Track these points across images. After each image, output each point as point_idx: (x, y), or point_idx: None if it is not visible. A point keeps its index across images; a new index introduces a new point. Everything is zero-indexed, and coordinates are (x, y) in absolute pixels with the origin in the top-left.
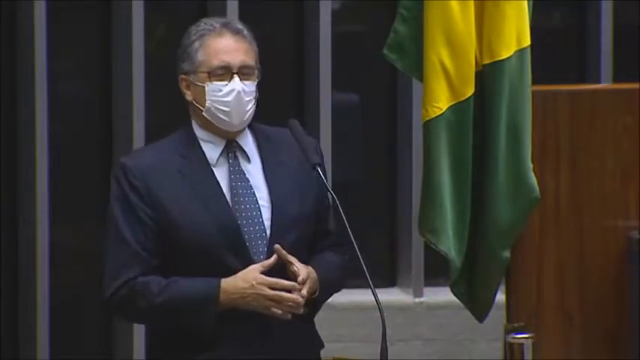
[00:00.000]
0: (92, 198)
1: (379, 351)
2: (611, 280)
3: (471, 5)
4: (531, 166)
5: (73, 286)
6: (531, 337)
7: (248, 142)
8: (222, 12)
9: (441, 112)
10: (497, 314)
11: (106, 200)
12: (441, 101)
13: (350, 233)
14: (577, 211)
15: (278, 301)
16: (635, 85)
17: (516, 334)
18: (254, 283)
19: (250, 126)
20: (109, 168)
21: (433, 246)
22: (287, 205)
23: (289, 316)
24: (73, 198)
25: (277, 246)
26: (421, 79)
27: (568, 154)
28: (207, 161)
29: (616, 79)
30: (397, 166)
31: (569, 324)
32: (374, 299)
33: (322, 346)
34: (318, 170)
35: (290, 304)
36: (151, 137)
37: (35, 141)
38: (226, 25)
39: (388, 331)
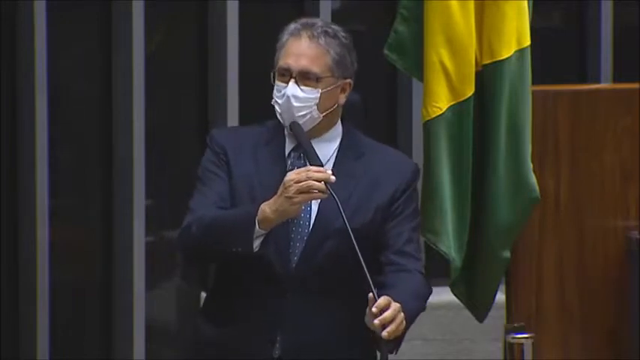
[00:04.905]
0: (92, 198)
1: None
2: (611, 280)
3: (471, 5)
4: (531, 166)
5: (73, 286)
6: (531, 337)
7: (326, 147)
8: (222, 12)
9: (441, 112)
10: (497, 314)
11: (106, 200)
12: (441, 101)
13: (351, 233)
14: (577, 211)
15: (306, 192)
16: (635, 85)
17: (516, 334)
18: (283, 187)
19: (349, 132)
20: (109, 168)
21: (433, 246)
22: (334, 215)
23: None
24: (73, 198)
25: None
26: (421, 79)
27: (568, 154)
28: (284, 153)
29: (616, 79)
30: None
31: (569, 324)
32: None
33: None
34: None
35: (318, 183)
36: (150, 137)
37: (35, 141)
38: (307, 27)
39: None
